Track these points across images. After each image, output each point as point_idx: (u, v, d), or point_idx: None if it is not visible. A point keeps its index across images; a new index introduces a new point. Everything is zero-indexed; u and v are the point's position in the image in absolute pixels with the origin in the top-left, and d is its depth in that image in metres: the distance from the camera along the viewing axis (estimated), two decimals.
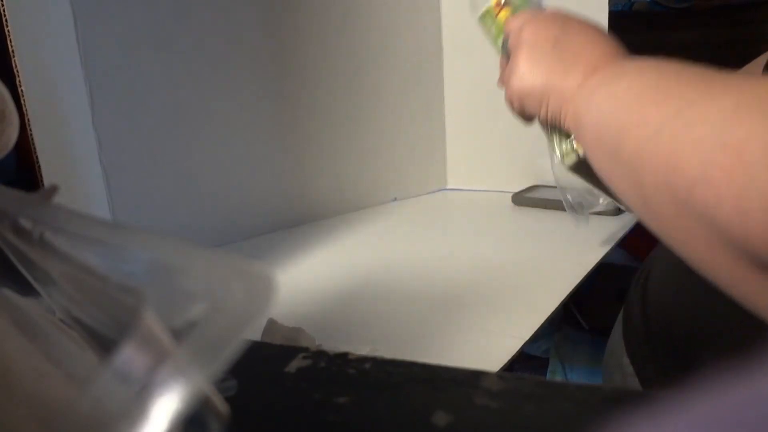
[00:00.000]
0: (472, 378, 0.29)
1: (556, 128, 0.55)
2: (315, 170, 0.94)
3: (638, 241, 0.94)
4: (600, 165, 0.43)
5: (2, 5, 0.68)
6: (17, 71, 0.70)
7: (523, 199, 0.94)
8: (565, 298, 0.63)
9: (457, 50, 1.01)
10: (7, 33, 0.68)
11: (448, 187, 1.08)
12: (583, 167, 0.55)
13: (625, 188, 0.39)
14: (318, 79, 0.91)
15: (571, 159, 0.56)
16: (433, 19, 1.00)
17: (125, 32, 0.74)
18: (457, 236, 0.79)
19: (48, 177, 0.75)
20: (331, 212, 0.95)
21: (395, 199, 0.67)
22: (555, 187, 0.68)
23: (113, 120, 0.75)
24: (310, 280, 0.73)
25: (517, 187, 0.97)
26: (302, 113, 0.91)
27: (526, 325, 0.59)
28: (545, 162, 0.93)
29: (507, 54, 0.60)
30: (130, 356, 0.16)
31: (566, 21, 0.53)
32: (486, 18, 0.63)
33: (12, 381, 0.19)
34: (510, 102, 0.58)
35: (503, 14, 0.61)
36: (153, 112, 0.78)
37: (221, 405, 0.20)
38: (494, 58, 0.87)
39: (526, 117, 0.58)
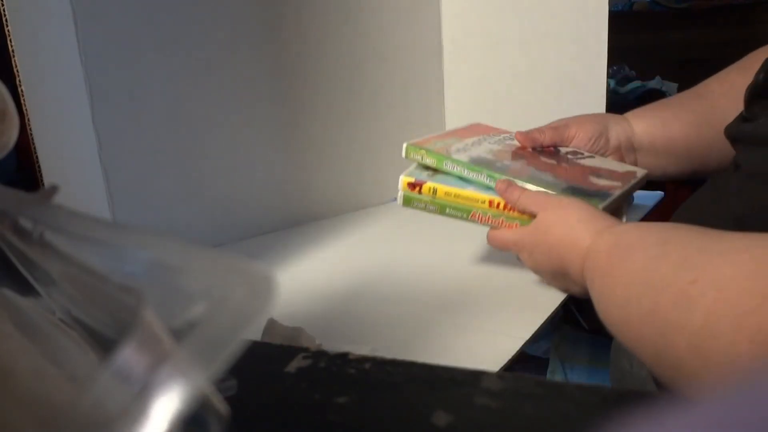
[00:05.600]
0: (472, 378, 0.29)
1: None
2: (315, 170, 0.93)
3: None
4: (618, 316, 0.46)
5: (2, 5, 0.68)
6: (17, 71, 0.70)
7: None
8: (565, 298, 0.63)
9: (457, 50, 1.01)
10: (7, 33, 0.68)
11: None
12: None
13: (639, 333, 0.42)
14: (318, 78, 0.91)
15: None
16: (433, 19, 1.00)
17: (125, 32, 0.74)
18: (457, 236, 0.79)
19: (48, 177, 0.75)
20: (331, 212, 0.95)
21: (395, 199, 0.67)
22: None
23: (113, 120, 0.75)
24: (310, 280, 0.73)
25: None
26: (302, 113, 0.91)
27: (526, 325, 0.59)
28: None
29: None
30: (130, 356, 0.16)
31: (546, 234, 0.59)
32: (411, 201, 0.65)
33: (12, 381, 0.19)
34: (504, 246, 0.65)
35: (428, 186, 0.64)
36: (153, 112, 0.78)
37: (221, 405, 0.20)
38: (494, 59, 0.87)
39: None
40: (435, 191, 0.64)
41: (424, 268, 0.74)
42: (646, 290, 0.42)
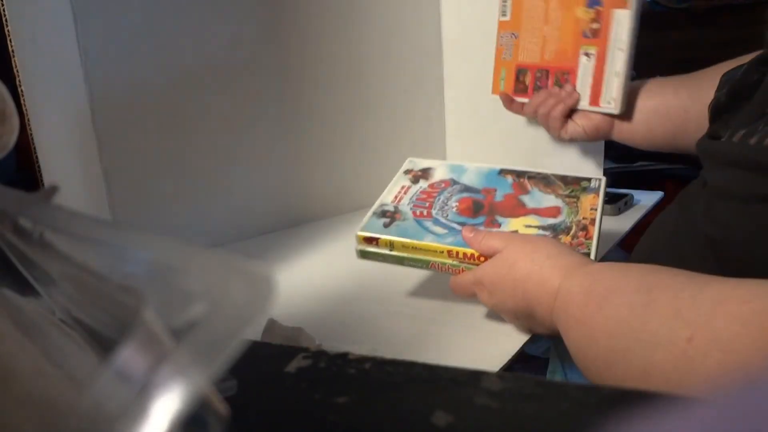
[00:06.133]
0: (472, 378, 0.29)
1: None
2: (315, 170, 0.93)
3: (638, 242, 0.94)
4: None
5: (2, 5, 0.68)
6: (17, 71, 0.70)
7: None
8: None
9: (457, 50, 1.01)
10: (7, 33, 0.68)
11: None
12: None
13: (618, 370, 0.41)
14: (318, 79, 0.91)
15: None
16: (433, 19, 1.00)
17: (125, 32, 0.74)
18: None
19: (48, 177, 0.75)
20: (331, 212, 0.95)
21: None
22: None
23: (113, 120, 0.75)
24: (310, 280, 0.73)
25: None
26: (302, 113, 0.91)
27: None
28: (545, 162, 0.93)
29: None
30: (130, 356, 0.16)
31: (511, 268, 0.55)
32: (368, 255, 0.65)
33: (12, 381, 0.19)
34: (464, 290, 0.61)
35: (384, 240, 0.63)
36: (153, 112, 0.78)
37: (221, 405, 0.20)
38: (494, 59, 0.87)
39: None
40: (392, 244, 0.62)
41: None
42: (635, 346, 0.39)
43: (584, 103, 0.81)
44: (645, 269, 0.45)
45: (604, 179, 0.69)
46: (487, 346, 0.57)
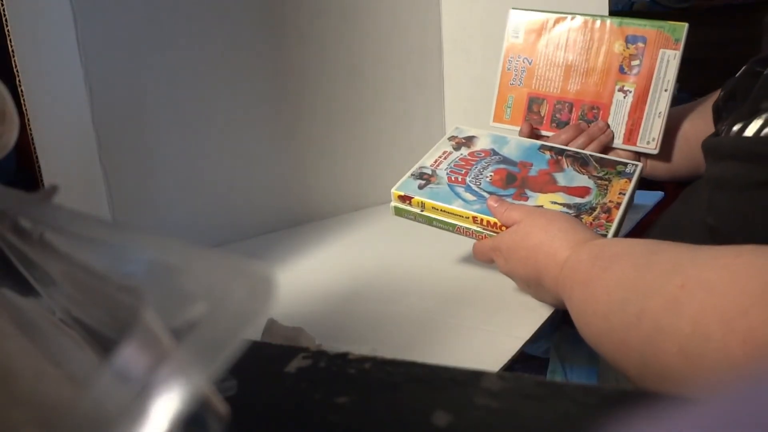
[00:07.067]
0: (472, 378, 0.29)
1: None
2: (315, 170, 0.93)
3: None
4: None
5: (2, 5, 0.68)
6: (17, 71, 0.70)
7: None
8: None
9: (457, 50, 1.01)
10: (7, 33, 0.68)
11: None
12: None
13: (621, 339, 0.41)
14: (318, 78, 0.91)
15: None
16: (433, 19, 1.00)
17: (125, 32, 0.74)
18: (457, 236, 0.79)
19: (48, 177, 0.75)
20: (331, 212, 0.95)
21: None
22: None
23: (113, 120, 0.75)
24: (310, 280, 0.73)
25: None
26: (302, 113, 0.91)
27: (526, 325, 0.59)
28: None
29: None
30: (130, 356, 0.16)
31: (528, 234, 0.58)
32: (401, 212, 0.69)
33: (12, 381, 0.19)
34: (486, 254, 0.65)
35: (416, 200, 0.67)
36: (153, 112, 0.78)
37: (221, 405, 0.20)
38: (494, 59, 0.87)
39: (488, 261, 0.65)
40: (423, 205, 0.67)
41: (424, 268, 0.74)
42: (632, 296, 0.40)
43: (618, 141, 0.78)
44: (653, 241, 0.46)
45: (640, 165, 0.71)
46: (487, 346, 0.57)
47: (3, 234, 0.24)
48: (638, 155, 0.79)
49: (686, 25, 0.75)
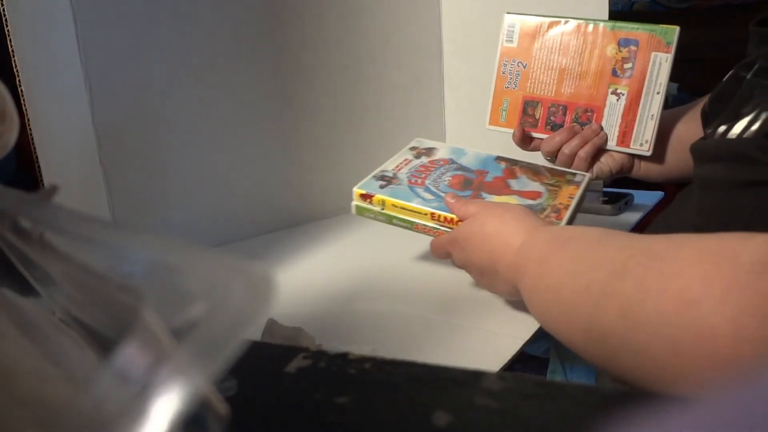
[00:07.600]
0: (472, 378, 0.29)
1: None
2: (315, 170, 0.93)
3: None
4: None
5: (2, 5, 0.68)
6: (17, 71, 0.70)
7: None
8: None
9: (457, 50, 1.01)
10: (7, 33, 0.68)
11: None
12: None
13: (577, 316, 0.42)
14: (318, 78, 0.91)
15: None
16: (433, 19, 1.00)
17: (125, 33, 0.74)
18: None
19: (48, 177, 0.75)
20: (331, 212, 0.95)
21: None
22: None
23: (113, 120, 0.75)
24: (310, 280, 0.73)
25: None
26: (302, 113, 0.91)
27: (526, 325, 0.59)
28: (546, 163, 0.93)
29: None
30: (130, 356, 0.16)
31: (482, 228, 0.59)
32: (362, 211, 0.71)
33: (12, 381, 0.19)
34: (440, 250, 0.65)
35: (377, 198, 0.69)
36: (153, 112, 0.78)
37: (221, 405, 0.20)
38: (494, 60, 0.87)
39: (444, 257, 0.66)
40: (384, 203, 0.68)
41: (424, 269, 0.74)
42: (584, 269, 0.42)
43: (611, 143, 0.79)
44: (608, 228, 0.47)
45: (588, 175, 0.74)
46: (487, 346, 0.57)
47: (3, 234, 0.24)
48: (632, 157, 0.80)
49: (677, 28, 0.76)
